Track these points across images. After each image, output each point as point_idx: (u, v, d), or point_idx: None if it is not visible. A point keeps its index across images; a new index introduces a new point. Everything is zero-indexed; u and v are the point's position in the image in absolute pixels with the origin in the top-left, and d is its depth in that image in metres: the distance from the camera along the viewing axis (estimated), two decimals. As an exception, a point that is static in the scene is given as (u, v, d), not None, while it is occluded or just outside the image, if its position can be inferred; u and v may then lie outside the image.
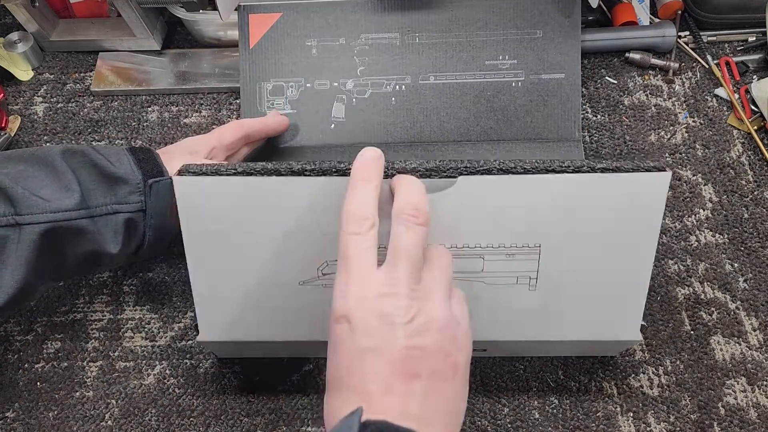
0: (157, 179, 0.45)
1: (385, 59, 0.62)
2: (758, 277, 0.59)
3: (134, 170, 0.45)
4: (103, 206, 0.44)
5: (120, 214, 0.44)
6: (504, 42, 0.60)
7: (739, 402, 0.53)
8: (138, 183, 0.44)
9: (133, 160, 0.45)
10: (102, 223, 0.44)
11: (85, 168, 0.44)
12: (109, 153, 0.45)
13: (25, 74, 0.75)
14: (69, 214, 0.42)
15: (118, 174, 0.44)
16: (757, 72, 0.72)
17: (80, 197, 0.42)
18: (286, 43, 0.62)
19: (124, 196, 0.44)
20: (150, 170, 0.45)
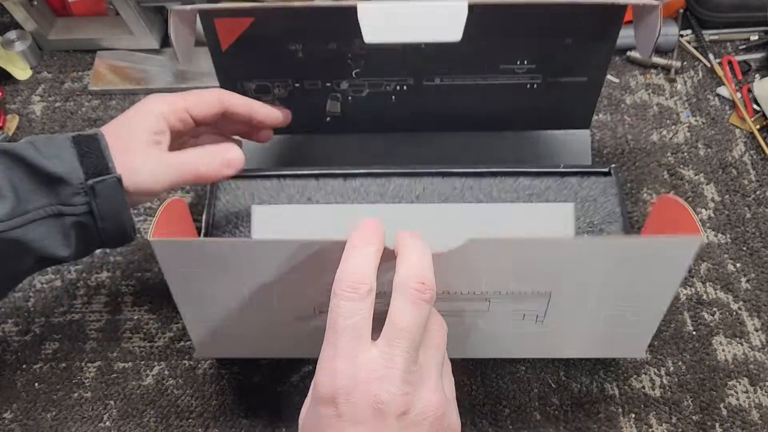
0: (100, 179, 0.39)
1: (384, 63, 0.56)
2: (761, 277, 0.58)
3: (75, 167, 0.38)
4: (46, 207, 0.38)
5: (66, 216, 0.39)
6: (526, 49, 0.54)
7: (741, 403, 0.52)
8: (80, 183, 0.38)
9: (76, 153, 0.39)
10: (46, 227, 0.38)
11: (19, 168, 0.38)
12: (49, 147, 0.39)
13: (23, 73, 0.74)
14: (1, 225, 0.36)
15: (57, 173, 0.38)
16: (760, 71, 0.72)
17: (12, 205, 0.37)
18: (265, 47, 0.54)
19: (67, 197, 0.39)
20: (93, 166, 0.39)
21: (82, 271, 0.60)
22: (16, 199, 0.37)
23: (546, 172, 0.52)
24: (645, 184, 0.64)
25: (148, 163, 0.41)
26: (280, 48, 0.54)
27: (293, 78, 0.56)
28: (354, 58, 0.55)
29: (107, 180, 0.39)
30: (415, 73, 0.56)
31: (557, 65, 0.55)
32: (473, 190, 0.51)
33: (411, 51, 0.54)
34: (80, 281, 0.60)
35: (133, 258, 0.61)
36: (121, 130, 0.42)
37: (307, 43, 0.53)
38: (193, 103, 0.45)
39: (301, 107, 0.59)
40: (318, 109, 0.59)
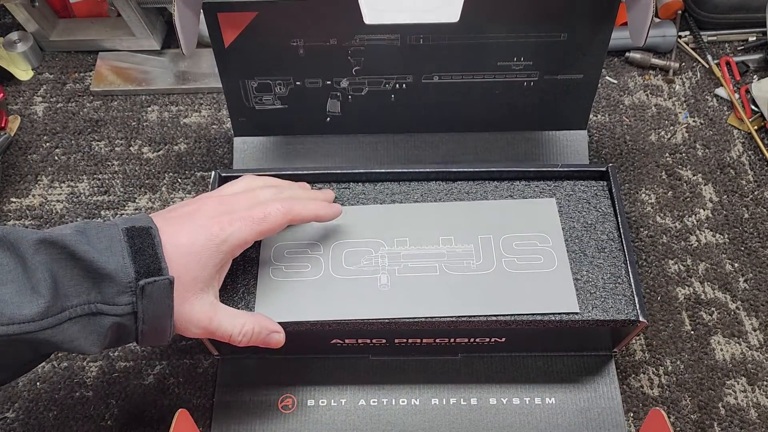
0: (152, 280, 0.36)
1: (383, 60, 0.56)
2: (758, 277, 0.58)
3: (126, 264, 0.36)
4: (83, 305, 0.35)
5: (104, 316, 0.36)
6: (522, 44, 0.55)
7: (740, 402, 0.53)
8: (129, 282, 0.36)
9: (128, 249, 0.36)
10: (80, 326, 0.35)
11: (65, 260, 0.35)
12: (99, 238, 0.36)
13: (24, 74, 0.75)
14: (27, 326, 0.33)
15: (105, 270, 0.35)
16: (758, 72, 0.72)
17: (47, 304, 0.33)
18: (267, 43, 0.54)
19: (111, 296, 0.35)
20: (146, 265, 0.36)
21: (83, 270, 0.61)
22: (53, 296, 0.34)
23: (543, 172, 0.52)
24: (643, 184, 0.64)
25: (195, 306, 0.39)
26: (281, 44, 0.54)
27: (294, 76, 0.57)
28: (354, 54, 0.55)
29: (159, 282, 0.36)
30: (413, 71, 0.57)
31: (553, 62, 0.55)
32: (469, 194, 0.52)
33: (409, 47, 0.54)
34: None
35: (134, 258, 0.61)
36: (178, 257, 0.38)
37: (309, 39, 0.54)
38: (268, 231, 0.42)
39: (302, 106, 0.59)
40: (318, 109, 0.60)
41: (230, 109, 0.60)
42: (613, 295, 0.46)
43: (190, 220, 0.40)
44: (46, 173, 0.67)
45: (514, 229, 0.49)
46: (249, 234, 0.41)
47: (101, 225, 0.37)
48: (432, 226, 0.50)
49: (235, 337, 0.41)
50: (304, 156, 0.61)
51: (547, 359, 0.54)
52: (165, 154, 0.68)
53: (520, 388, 0.53)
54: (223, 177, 0.52)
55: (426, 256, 0.48)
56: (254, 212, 0.41)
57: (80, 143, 0.69)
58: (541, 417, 0.52)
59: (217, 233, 0.40)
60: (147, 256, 0.36)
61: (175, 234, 0.39)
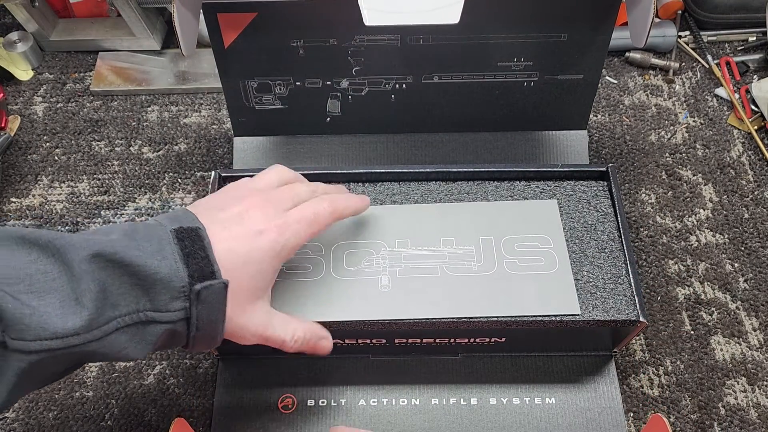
0: (208, 284, 0.34)
1: (383, 60, 0.56)
2: (758, 277, 0.58)
3: (179, 268, 0.33)
4: (132, 314, 0.33)
5: (156, 324, 0.34)
6: (521, 45, 0.54)
7: (740, 402, 0.53)
8: (182, 287, 0.33)
9: (179, 252, 0.34)
10: (129, 336, 0.33)
11: (111, 269, 0.33)
12: (148, 241, 0.34)
13: (24, 74, 0.75)
14: (71, 339, 0.31)
15: (157, 275, 0.33)
16: (758, 72, 0.72)
17: (90, 316, 0.31)
18: (267, 44, 0.54)
19: (163, 303, 0.33)
20: (199, 268, 0.34)
21: (83, 270, 0.61)
22: (98, 307, 0.32)
23: (543, 172, 0.52)
24: (643, 184, 0.64)
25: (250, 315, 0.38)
26: (281, 44, 0.54)
27: (294, 76, 0.57)
28: (354, 55, 0.55)
29: (214, 286, 0.34)
30: (414, 71, 0.57)
31: (553, 62, 0.55)
32: (470, 195, 0.52)
33: (409, 47, 0.54)
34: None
35: (134, 258, 0.61)
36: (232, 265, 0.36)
37: (309, 39, 0.54)
38: (318, 231, 0.41)
39: (302, 106, 0.59)
40: (318, 109, 0.60)
41: (230, 109, 0.60)
42: (614, 295, 0.46)
43: (242, 223, 0.38)
44: (46, 173, 0.67)
45: (516, 230, 0.49)
46: (304, 237, 0.40)
47: (149, 226, 0.35)
48: (433, 227, 0.50)
49: (288, 343, 0.40)
50: (304, 156, 0.62)
51: (547, 359, 0.54)
52: (165, 154, 0.68)
53: (520, 388, 0.53)
54: (223, 177, 0.52)
55: (427, 258, 0.48)
56: (306, 213, 0.40)
57: (80, 143, 0.69)
58: (541, 417, 0.52)
59: (275, 239, 0.38)
60: (199, 259, 0.34)
61: (231, 240, 0.36)
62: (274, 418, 0.52)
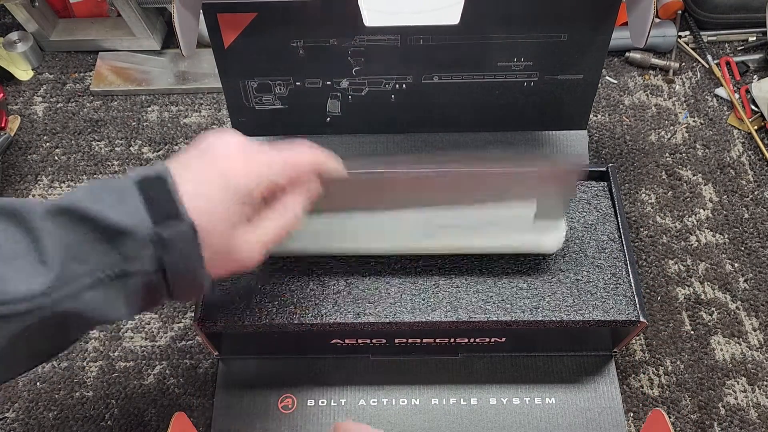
0: (173, 225, 0.32)
1: (383, 60, 0.56)
2: (758, 277, 0.58)
3: (142, 216, 0.32)
4: (106, 270, 0.32)
5: (130, 276, 0.32)
6: (522, 45, 0.54)
7: (740, 402, 0.53)
8: (148, 234, 0.32)
9: (141, 199, 0.32)
10: (104, 292, 0.32)
11: (74, 225, 0.31)
12: (110, 193, 0.32)
13: (24, 74, 0.75)
14: (38, 301, 0.29)
15: (120, 225, 0.31)
16: (758, 72, 0.72)
17: (57, 274, 0.30)
18: (267, 44, 0.54)
19: (132, 254, 0.32)
20: (163, 212, 0.32)
21: (83, 271, 0.61)
22: (63, 265, 0.30)
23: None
24: (643, 184, 0.64)
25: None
26: (281, 44, 0.54)
27: (294, 76, 0.57)
28: (354, 55, 0.55)
29: (180, 227, 0.32)
30: (413, 71, 0.57)
31: (553, 62, 0.55)
32: None
33: (410, 48, 0.54)
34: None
35: (134, 258, 0.61)
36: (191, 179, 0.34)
37: (308, 40, 0.54)
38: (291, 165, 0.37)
39: (302, 106, 0.59)
40: (318, 109, 0.60)
41: (230, 109, 0.60)
42: (614, 295, 0.46)
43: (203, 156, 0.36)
44: (46, 173, 0.67)
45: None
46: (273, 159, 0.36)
47: (112, 180, 0.34)
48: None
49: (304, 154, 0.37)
50: (304, 156, 0.61)
51: (547, 359, 0.54)
52: (165, 154, 0.68)
53: (520, 388, 0.53)
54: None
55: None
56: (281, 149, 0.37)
57: (80, 143, 0.69)
58: (542, 417, 0.52)
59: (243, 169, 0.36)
60: (162, 203, 0.32)
61: (197, 173, 0.35)
62: (274, 418, 0.52)
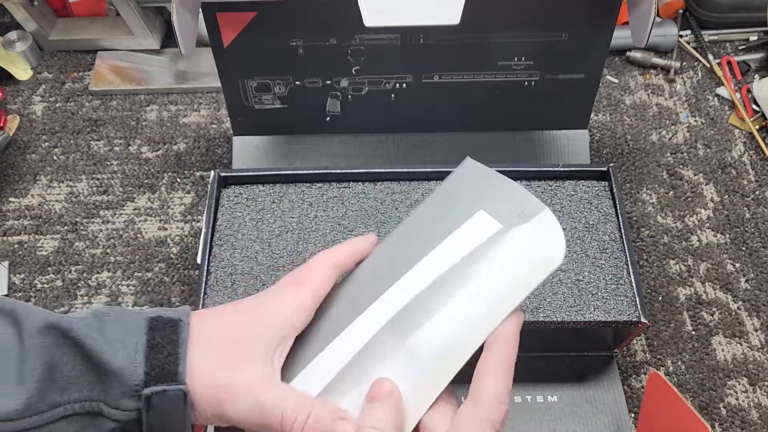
0: (161, 389, 0.29)
1: (383, 59, 0.55)
2: (760, 277, 0.58)
3: (137, 362, 0.29)
4: (83, 402, 0.29)
5: (105, 420, 0.29)
6: (522, 44, 0.54)
7: (741, 402, 0.52)
8: (136, 384, 0.29)
9: (144, 343, 0.30)
10: (77, 426, 0.29)
11: (65, 348, 0.29)
12: (115, 326, 0.30)
13: (23, 73, 0.74)
14: (4, 426, 0.27)
15: (110, 365, 0.29)
16: (759, 71, 0.72)
17: (29, 399, 0.28)
18: (267, 43, 0.54)
19: (113, 398, 0.29)
20: (159, 365, 0.29)
21: (82, 270, 0.60)
22: (41, 389, 0.28)
23: (544, 172, 0.52)
24: (644, 184, 0.64)
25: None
26: (281, 44, 0.54)
27: (294, 75, 0.57)
28: (354, 54, 0.55)
29: (169, 392, 0.29)
30: (414, 70, 0.56)
31: (554, 61, 0.55)
32: None
33: (410, 47, 0.54)
34: (81, 281, 0.60)
35: (133, 258, 0.61)
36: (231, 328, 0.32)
37: (308, 39, 0.54)
38: (314, 294, 0.33)
39: (302, 106, 0.59)
40: (318, 108, 0.59)
41: (229, 108, 0.59)
42: (615, 296, 0.46)
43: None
44: (45, 173, 0.67)
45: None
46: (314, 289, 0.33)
47: (126, 312, 0.31)
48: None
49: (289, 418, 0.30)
50: (304, 156, 0.61)
51: (548, 359, 0.54)
52: (164, 154, 0.68)
53: (521, 386, 0.53)
54: (222, 177, 0.52)
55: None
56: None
57: (79, 143, 0.69)
58: (544, 415, 0.51)
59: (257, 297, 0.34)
60: (164, 354, 0.29)
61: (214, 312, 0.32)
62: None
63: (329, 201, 0.52)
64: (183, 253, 0.61)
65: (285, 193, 0.52)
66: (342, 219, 0.51)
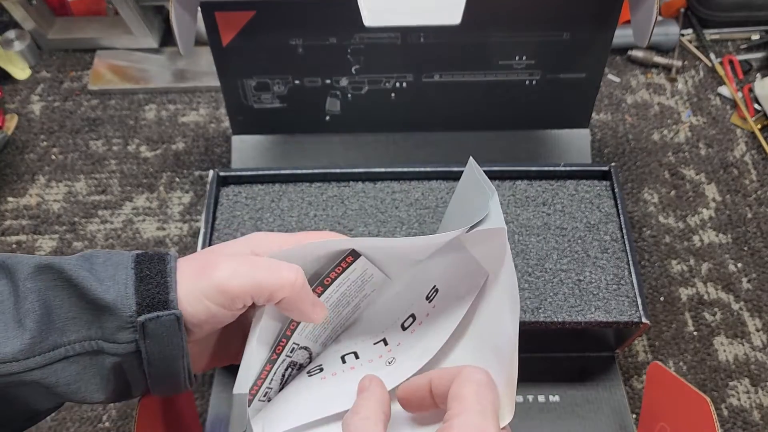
0: (154, 315, 0.30)
1: (383, 58, 0.55)
2: (762, 277, 0.58)
3: (127, 294, 0.30)
4: (83, 342, 0.30)
5: (105, 355, 0.30)
6: (523, 43, 0.54)
7: (743, 403, 0.52)
8: (130, 316, 0.30)
9: (133, 276, 0.30)
10: (78, 367, 0.30)
11: (59, 290, 0.30)
12: (105, 265, 0.31)
13: (22, 72, 0.74)
14: (9, 366, 0.28)
15: (103, 300, 0.29)
16: (761, 70, 0.71)
17: (32, 340, 0.28)
18: (266, 42, 0.53)
19: (110, 333, 0.30)
20: (150, 296, 0.30)
21: (80, 271, 0.60)
22: (41, 330, 0.29)
23: (545, 172, 0.52)
24: (646, 183, 0.64)
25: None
26: (280, 43, 0.54)
27: (293, 75, 0.56)
28: (354, 53, 0.55)
29: (162, 318, 0.30)
30: (414, 69, 0.56)
31: (555, 61, 0.55)
32: None
33: (410, 46, 0.54)
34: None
35: (132, 258, 0.61)
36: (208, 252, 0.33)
37: (308, 38, 0.53)
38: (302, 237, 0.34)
39: (301, 105, 0.59)
40: (318, 108, 0.59)
41: (228, 107, 0.59)
42: (617, 296, 0.46)
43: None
44: (44, 172, 0.67)
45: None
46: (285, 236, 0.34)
47: (113, 252, 0.32)
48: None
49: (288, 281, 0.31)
50: (304, 155, 0.61)
51: (549, 359, 0.53)
52: (163, 153, 0.67)
53: (523, 386, 0.53)
54: (221, 176, 0.52)
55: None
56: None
57: (77, 142, 0.69)
58: (546, 415, 0.51)
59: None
60: (153, 284, 0.30)
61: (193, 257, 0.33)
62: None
63: (329, 200, 0.51)
64: (182, 253, 0.61)
65: (284, 193, 0.52)
66: (342, 218, 0.50)
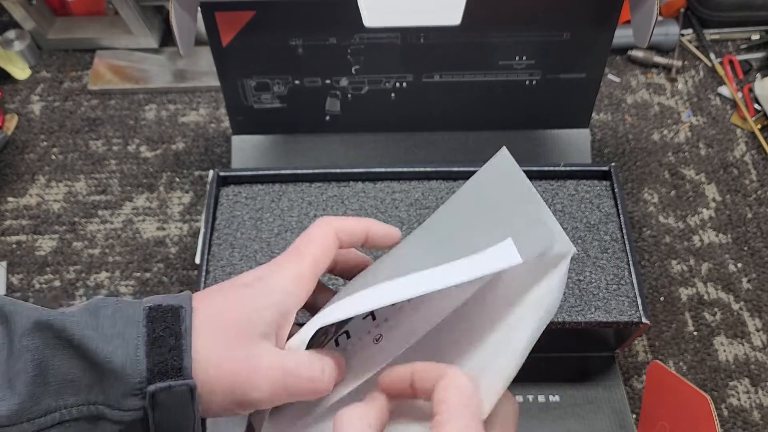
0: (167, 385, 0.27)
1: (383, 58, 0.55)
2: (762, 277, 0.58)
3: (138, 358, 0.27)
4: (81, 406, 0.27)
5: (107, 422, 0.27)
6: (523, 43, 0.54)
7: (743, 403, 0.52)
8: (139, 382, 0.27)
9: (145, 337, 0.27)
10: (73, 431, 0.27)
11: (58, 349, 0.27)
12: (113, 320, 0.28)
13: (22, 72, 0.74)
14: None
15: (109, 363, 0.27)
16: (761, 70, 0.71)
17: (21, 405, 0.26)
18: (266, 42, 0.53)
19: (115, 398, 0.27)
20: (162, 360, 0.27)
21: (80, 271, 0.60)
22: (32, 394, 0.26)
23: (546, 172, 0.52)
24: (646, 183, 0.64)
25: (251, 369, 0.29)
26: (280, 43, 0.54)
27: (293, 75, 0.56)
28: (354, 54, 0.55)
29: (174, 389, 0.27)
30: (414, 69, 0.56)
31: (555, 61, 0.55)
32: None
33: (410, 46, 0.53)
34: (79, 281, 0.59)
35: (132, 258, 0.61)
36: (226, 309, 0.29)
37: (308, 38, 0.53)
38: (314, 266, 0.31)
39: (301, 105, 0.59)
40: (318, 108, 0.59)
41: (228, 107, 0.59)
42: (617, 296, 0.46)
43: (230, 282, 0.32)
44: (43, 172, 0.67)
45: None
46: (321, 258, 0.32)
47: (122, 302, 0.29)
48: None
49: (319, 377, 0.30)
50: (304, 155, 0.61)
51: (550, 359, 0.53)
52: (163, 153, 0.67)
53: (523, 386, 0.53)
54: (221, 176, 0.52)
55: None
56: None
57: (77, 142, 0.69)
58: (546, 415, 0.51)
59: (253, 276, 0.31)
60: (167, 347, 0.27)
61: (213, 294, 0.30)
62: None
63: (329, 200, 0.51)
64: (182, 253, 0.61)
65: (284, 193, 0.52)
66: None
